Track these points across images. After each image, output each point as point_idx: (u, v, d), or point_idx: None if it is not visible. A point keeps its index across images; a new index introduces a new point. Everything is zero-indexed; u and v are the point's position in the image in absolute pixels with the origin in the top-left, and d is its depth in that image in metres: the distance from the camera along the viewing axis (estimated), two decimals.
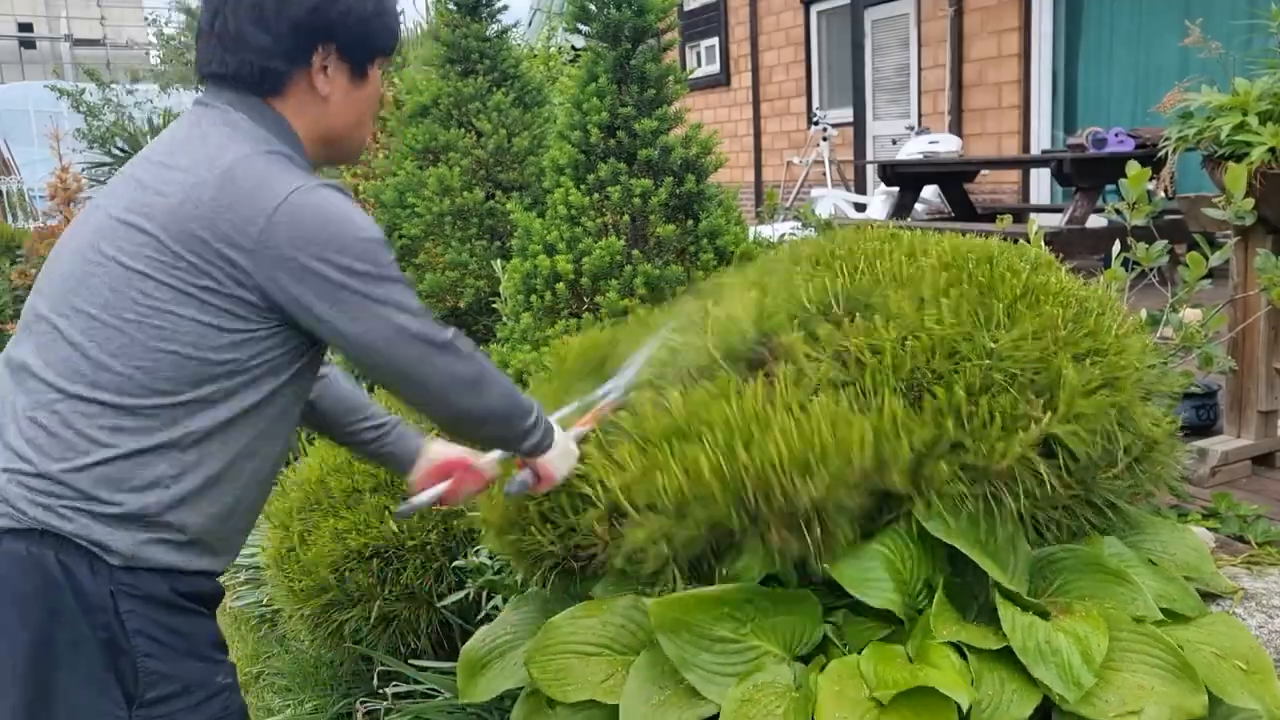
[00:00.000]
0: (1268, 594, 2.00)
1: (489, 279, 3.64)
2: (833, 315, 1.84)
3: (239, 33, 1.41)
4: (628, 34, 2.89)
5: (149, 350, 1.35)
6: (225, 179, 1.34)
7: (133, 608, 1.38)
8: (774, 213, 4.41)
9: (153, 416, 1.36)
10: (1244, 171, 2.47)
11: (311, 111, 1.47)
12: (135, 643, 1.38)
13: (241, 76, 1.43)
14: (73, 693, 1.37)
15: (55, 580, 1.35)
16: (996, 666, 1.55)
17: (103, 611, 1.36)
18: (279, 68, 1.43)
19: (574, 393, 1.92)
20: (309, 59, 1.44)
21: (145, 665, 1.38)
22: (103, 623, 1.36)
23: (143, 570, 1.39)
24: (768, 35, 10.86)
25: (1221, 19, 5.10)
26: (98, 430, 1.35)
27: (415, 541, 2.50)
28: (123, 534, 1.37)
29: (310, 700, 2.74)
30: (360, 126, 1.56)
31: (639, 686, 1.63)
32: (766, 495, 1.62)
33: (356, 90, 1.51)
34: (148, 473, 1.37)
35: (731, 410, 1.70)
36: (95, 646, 1.36)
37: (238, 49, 1.42)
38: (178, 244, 1.34)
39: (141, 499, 1.37)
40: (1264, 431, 2.85)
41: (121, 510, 1.36)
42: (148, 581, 1.39)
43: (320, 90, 1.46)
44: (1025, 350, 1.71)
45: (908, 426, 1.65)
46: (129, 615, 1.37)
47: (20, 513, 1.35)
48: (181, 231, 1.34)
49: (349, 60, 1.48)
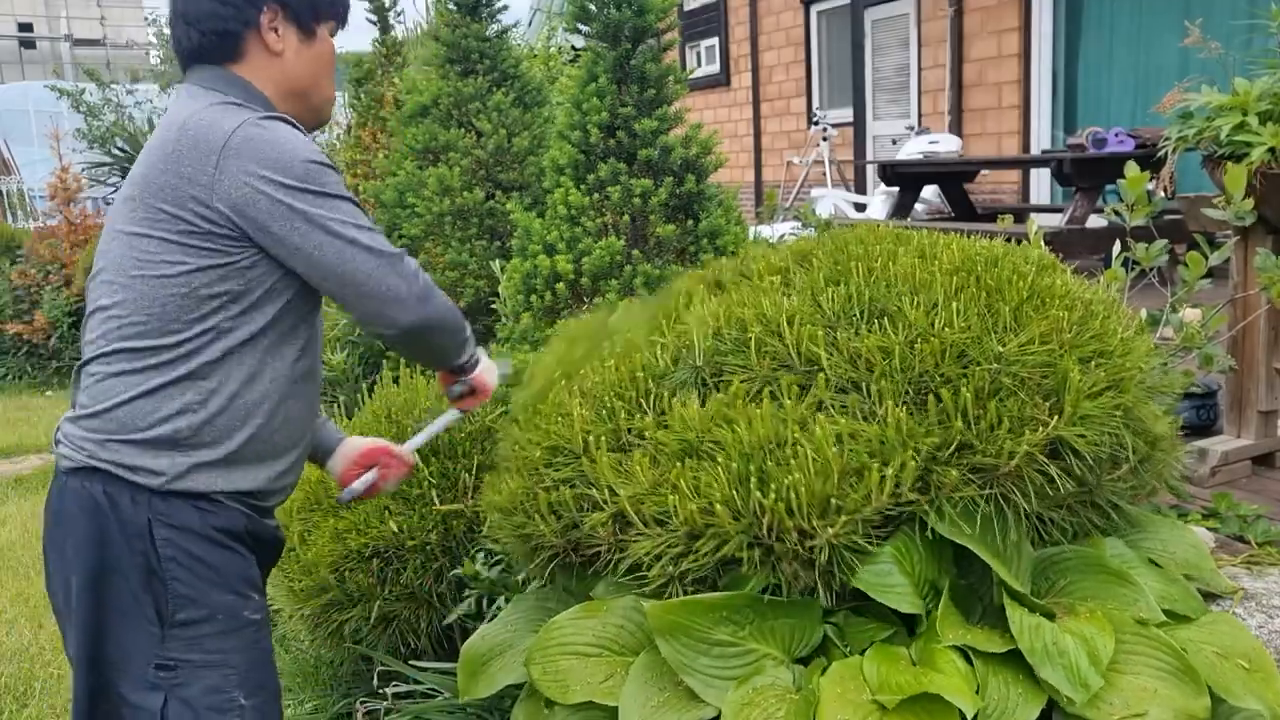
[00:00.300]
0: (1268, 594, 2.00)
1: (489, 279, 3.64)
2: (851, 321, 1.84)
3: (197, 6, 1.63)
4: (628, 34, 2.89)
5: (154, 298, 1.54)
6: (181, 132, 1.54)
7: (168, 536, 1.55)
8: (774, 213, 4.41)
9: (172, 353, 1.55)
10: (1244, 171, 2.47)
11: (272, 70, 1.67)
12: (167, 568, 1.55)
13: (206, 48, 1.64)
14: (119, 610, 1.55)
15: (103, 510, 1.55)
16: (1002, 670, 1.55)
17: (140, 538, 1.54)
18: (233, 29, 1.63)
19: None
20: (258, 19, 1.64)
21: (175, 589, 1.55)
22: (140, 549, 1.54)
23: (179, 498, 1.57)
24: (768, 35, 10.86)
25: (1221, 19, 5.10)
26: (130, 372, 1.56)
27: (415, 541, 2.50)
28: (163, 458, 1.56)
29: (310, 700, 2.74)
30: (319, 84, 1.74)
31: (638, 688, 1.63)
32: (781, 536, 1.61)
33: (308, 49, 1.70)
34: (176, 402, 1.56)
35: (743, 435, 1.69)
36: (135, 570, 1.54)
37: (198, 21, 1.63)
38: (155, 199, 1.53)
39: (174, 424, 1.56)
40: (1264, 431, 2.85)
41: (158, 435, 1.55)
42: (182, 512, 1.57)
43: (273, 47, 1.66)
44: (1032, 354, 1.71)
45: (914, 435, 1.65)
46: (164, 543, 1.55)
47: (78, 450, 1.57)
48: (155, 186, 1.53)
49: (295, 20, 1.68)
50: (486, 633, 1.98)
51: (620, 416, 1.86)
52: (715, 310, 1.96)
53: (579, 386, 2.00)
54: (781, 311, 1.86)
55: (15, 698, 3.06)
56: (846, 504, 1.60)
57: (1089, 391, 1.69)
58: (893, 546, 1.66)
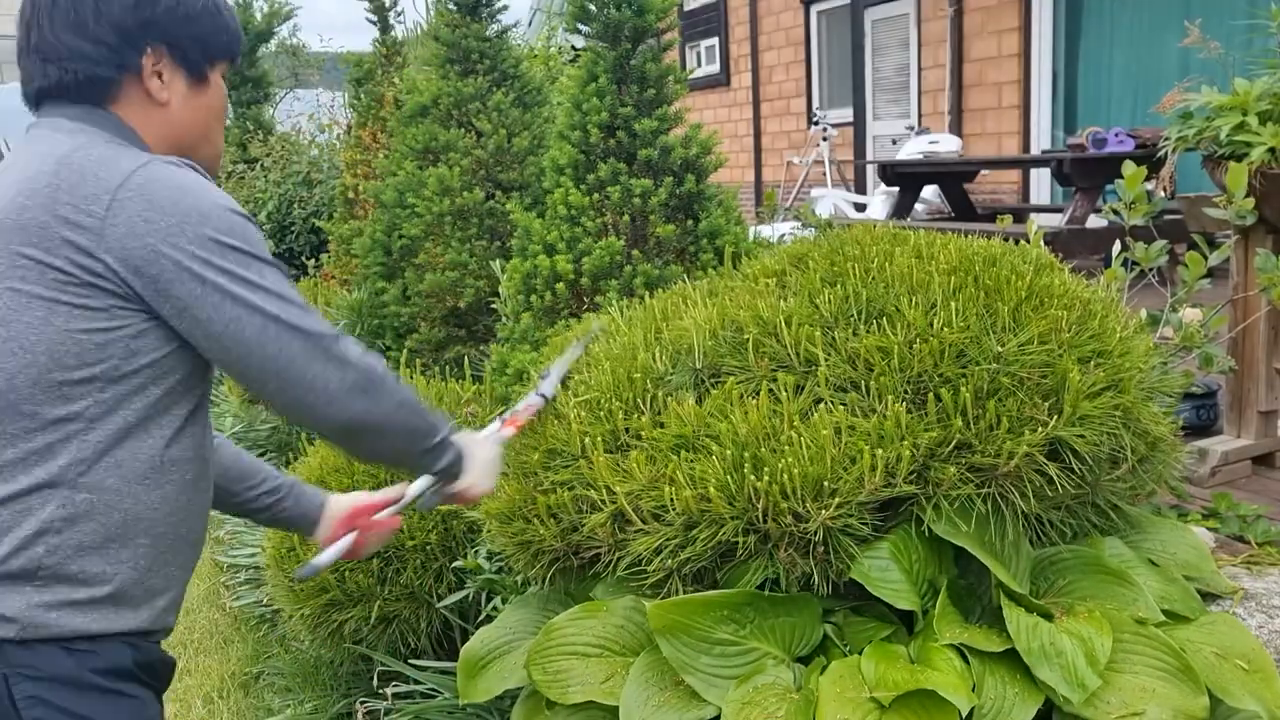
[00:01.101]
0: (1268, 594, 2.00)
1: (489, 279, 3.64)
2: (850, 322, 1.85)
3: (58, 43, 1.28)
4: (628, 34, 2.89)
5: (0, 371, 1.18)
6: (61, 164, 1.20)
7: (33, 693, 1.16)
8: (774, 213, 4.41)
9: (24, 450, 1.18)
10: (1244, 171, 2.47)
11: (154, 120, 1.33)
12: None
13: (66, 86, 1.28)
14: None
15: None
16: (999, 669, 1.55)
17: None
18: (106, 74, 1.29)
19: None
20: (138, 63, 1.30)
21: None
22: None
23: (45, 644, 1.18)
24: (768, 35, 10.86)
25: (1221, 19, 5.11)
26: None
27: (415, 541, 2.50)
28: (14, 597, 1.17)
29: (310, 700, 2.74)
30: (209, 137, 1.41)
31: (638, 688, 1.63)
32: (776, 518, 1.62)
33: (197, 96, 1.37)
34: (32, 521, 1.18)
35: (738, 425, 1.70)
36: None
37: (58, 59, 1.28)
38: (14, 242, 1.18)
39: (30, 552, 1.17)
40: (1264, 431, 2.85)
41: (9, 569, 1.17)
42: (51, 660, 1.18)
43: (158, 97, 1.32)
44: (1031, 354, 1.71)
45: (913, 430, 1.65)
46: (27, 704, 1.16)
47: None
48: (16, 226, 1.18)
49: (184, 64, 1.34)
50: (485, 636, 1.98)
51: (618, 417, 1.86)
52: (710, 314, 1.97)
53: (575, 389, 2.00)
54: (778, 313, 1.87)
55: None
56: (840, 487, 1.61)
57: (1088, 391, 1.69)
58: (890, 543, 1.66)
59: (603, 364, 2.00)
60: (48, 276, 1.17)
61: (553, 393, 1.97)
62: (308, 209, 6.53)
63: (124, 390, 1.22)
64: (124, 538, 1.24)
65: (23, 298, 1.17)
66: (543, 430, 1.95)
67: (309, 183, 6.66)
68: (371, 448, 1.41)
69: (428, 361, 3.80)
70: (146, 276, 1.18)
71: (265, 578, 2.92)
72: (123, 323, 1.20)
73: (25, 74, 1.32)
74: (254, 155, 7.02)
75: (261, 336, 1.23)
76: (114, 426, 1.22)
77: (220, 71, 1.41)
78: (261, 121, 7.71)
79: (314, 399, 1.27)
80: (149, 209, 1.18)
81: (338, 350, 1.28)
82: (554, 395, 1.97)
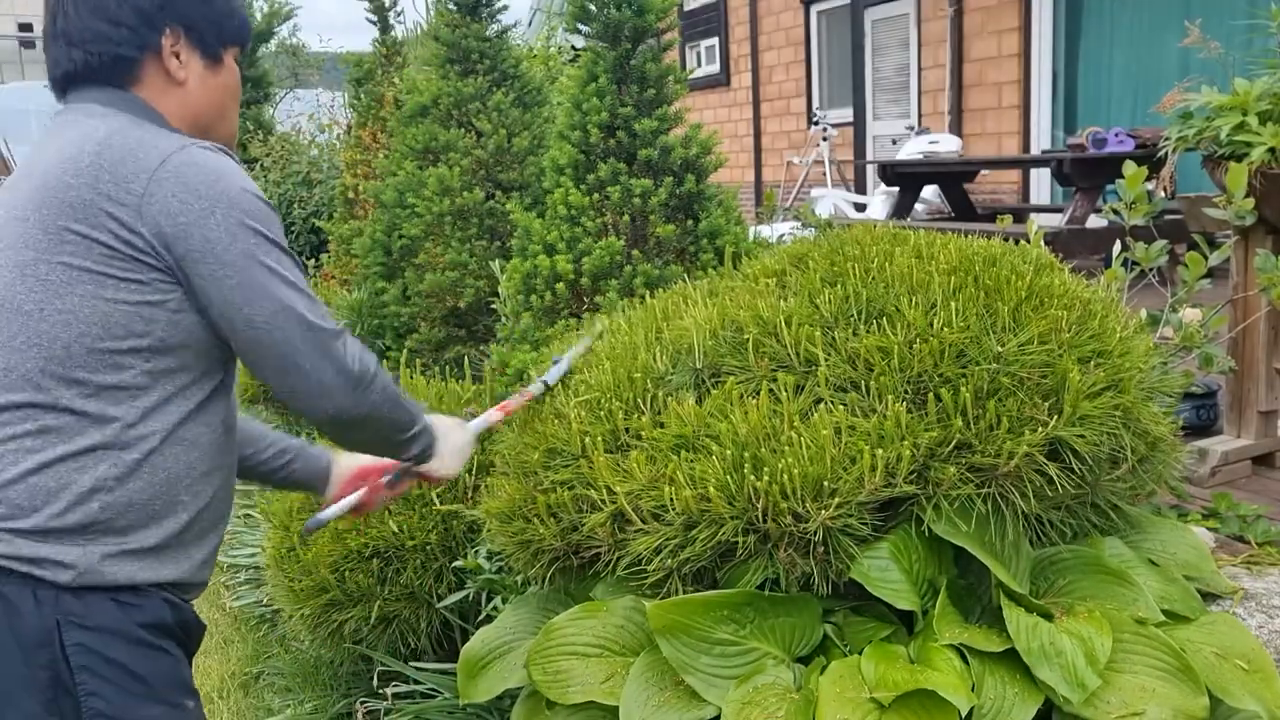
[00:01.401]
0: (1268, 594, 2.00)
1: (489, 279, 3.64)
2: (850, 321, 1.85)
3: (83, 27, 1.36)
4: (628, 34, 2.89)
5: (56, 341, 1.26)
6: (102, 146, 1.28)
7: (81, 640, 1.26)
8: (774, 213, 4.41)
9: (79, 413, 1.27)
10: (1244, 171, 2.47)
11: (173, 99, 1.42)
12: (81, 681, 1.25)
13: (93, 68, 1.37)
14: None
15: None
16: (998, 669, 1.55)
17: (45, 648, 1.24)
18: (129, 54, 1.38)
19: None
20: (159, 43, 1.39)
21: (91, 706, 1.26)
22: (45, 661, 1.24)
23: (96, 594, 1.27)
24: (768, 35, 10.86)
25: (1221, 19, 5.10)
26: (20, 437, 1.26)
27: (415, 541, 2.50)
28: (73, 547, 1.26)
29: (310, 700, 2.73)
30: (225, 117, 1.50)
31: (639, 688, 1.63)
32: (776, 518, 1.62)
33: (214, 76, 1.46)
34: (87, 478, 1.27)
35: (738, 425, 1.70)
36: (35, 691, 1.24)
37: (83, 42, 1.37)
38: (61, 218, 1.26)
39: (86, 507, 1.27)
40: (1264, 431, 2.85)
41: (64, 522, 1.26)
42: (100, 610, 1.28)
43: (176, 76, 1.41)
44: (1031, 354, 1.71)
45: (913, 430, 1.65)
46: (76, 650, 1.25)
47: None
48: (62, 204, 1.26)
49: (199, 45, 1.43)
50: (486, 636, 1.98)
51: (618, 417, 1.86)
52: (710, 314, 1.97)
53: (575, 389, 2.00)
54: (779, 313, 1.87)
55: None
56: (840, 487, 1.61)
57: (1088, 392, 1.69)
58: (890, 543, 1.66)
59: (603, 363, 2.00)
60: (95, 251, 1.26)
61: (555, 380, 2.00)
62: (308, 209, 6.53)
63: (167, 360, 1.32)
64: (168, 495, 1.34)
65: (73, 271, 1.26)
66: (543, 430, 1.95)
67: (309, 183, 6.66)
68: (356, 438, 1.52)
69: (428, 361, 3.80)
70: (177, 252, 1.27)
71: (265, 578, 2.92)
72: (164, 295, 1.29)
73: (51, 60, 1.41)
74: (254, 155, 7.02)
75: (271, 322, 1.31)
76: (158, 393, 1.32)
77: (233, 54, 1.50)
78: (261, 121, 7.71)
79: (309, 389, 1.35)
80: (183, 190, 1.27)
81: (338, 346, 1.36)
82: (555, 383, 2.00)
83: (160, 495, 1.33)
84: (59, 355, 1.26)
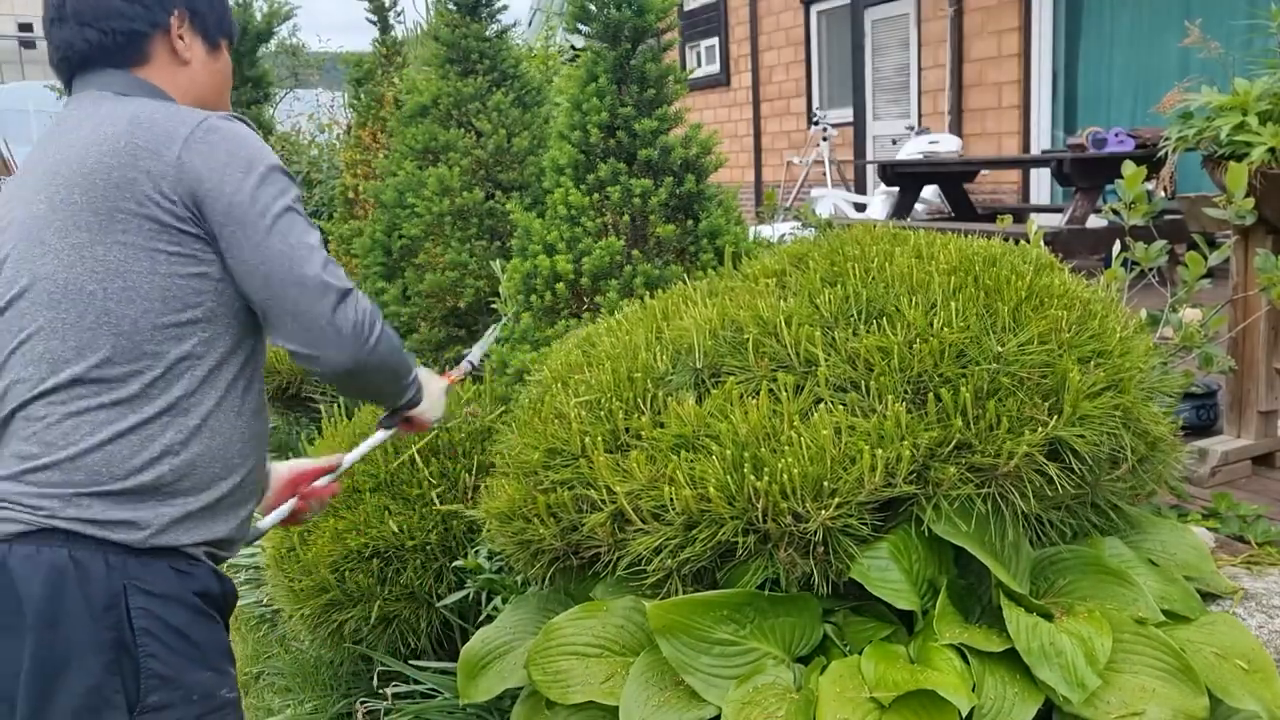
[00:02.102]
0: (1268, 594, 2.00)
1: (489, 279, 3.64)
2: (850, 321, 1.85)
3: (96, 4, 1.45)
4: (628, 34, 2.89)
5: (123, 317, 1.36)
6: (133, 125, 1.37)
7: (144, 605, 1.36)
8: (774, 213, 4.41)
9: (146, 385, 1.37)
10: (1244, 171, 2.47)
11: (179, 79, 1.52)
12: (142, 643, 1.35)
13: (106, 48, 1.46)
14: (74, 697, 1.33)
15: (66, 580, 1.33)
16: (998, 669, 1.55)
17: (111, 610, 1.34)
18: (141, 29, 1.47)
19: None
20: (168, 21, 1.50)
21: (149, 667, 1.36)
22: (110, 623, 1.34)
23: (159, 561, 1.38)
24: (768, 35, 10.86)
25: (1221, 19, 5.11)
26: (96, 409, 1.36)
27: (415, 541, 2.50)
28: (145, 509, 1.37)
29: (310, 700, 2.74)
30: (222, 101, 1.61)
31: (639, 688, 1.63)
32: (776, 518, 1.62)
33: (213, 61, 1.58)
34: (157, 444, 1.38)
35: (738, 425, 1.70)
36: (101, 651, 1.33)
37: (96, 20, 1.45)
38: (109, 199, 1.34)
39: (157, 470, 1.38)
40: (1264, 431, 2.85)
41: (139, 483, 1.37)
42: (161, 576, 1.38)
43: (182, 55, 1.52)
44: (1031, 354, 1.71)
45: (913, 430, 1.65)
46: (139, 614, 1.35)
47: (31, 510, 1.34)
48: (108, 185, 1.35)
49: (201, 30, 1.55)
50: (486, 636, 1.98)
51: (618, 417, 1.86)
52: (710, 314, 1.97)
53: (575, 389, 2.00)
54: (779, 313, 1.87)
55: None
56: (840, 487, 1.61)
57: (1088, 392, 1.69)
58: (890, 543, 1.66)
59: (604, 363, 2.00)
60: (145, 228, 1.35)
61: (478, 361, 2.11)
62: (308, 209, 6.53)
63: (216, 328, 1.42)
64: (224, 457, 1.45)
65: (130, 250, 1.35)
66: (543, 430, 1.95)
67: (309, 183, 6.66)
68: (363, 387, 1.60)
69: (428, 361, 3.80)
70: (209, 215, 1.36)
71: (265, 578, 2.92)
72: (208, 266, 1.39)
73: (61, 43, 1.47)
74: None
75: (287, 278, 1.38)
76: (212, 361, 1.42)
77: (225, 46, 1.61)
78: (261, 121, 7.70)
79: (325, 343, 1.42)
80: (210, 154, 1.36)
81: (350, 302, 1.43)
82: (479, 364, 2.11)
83: (218, 457, 1.44)
84: (127, 331, 1.36)
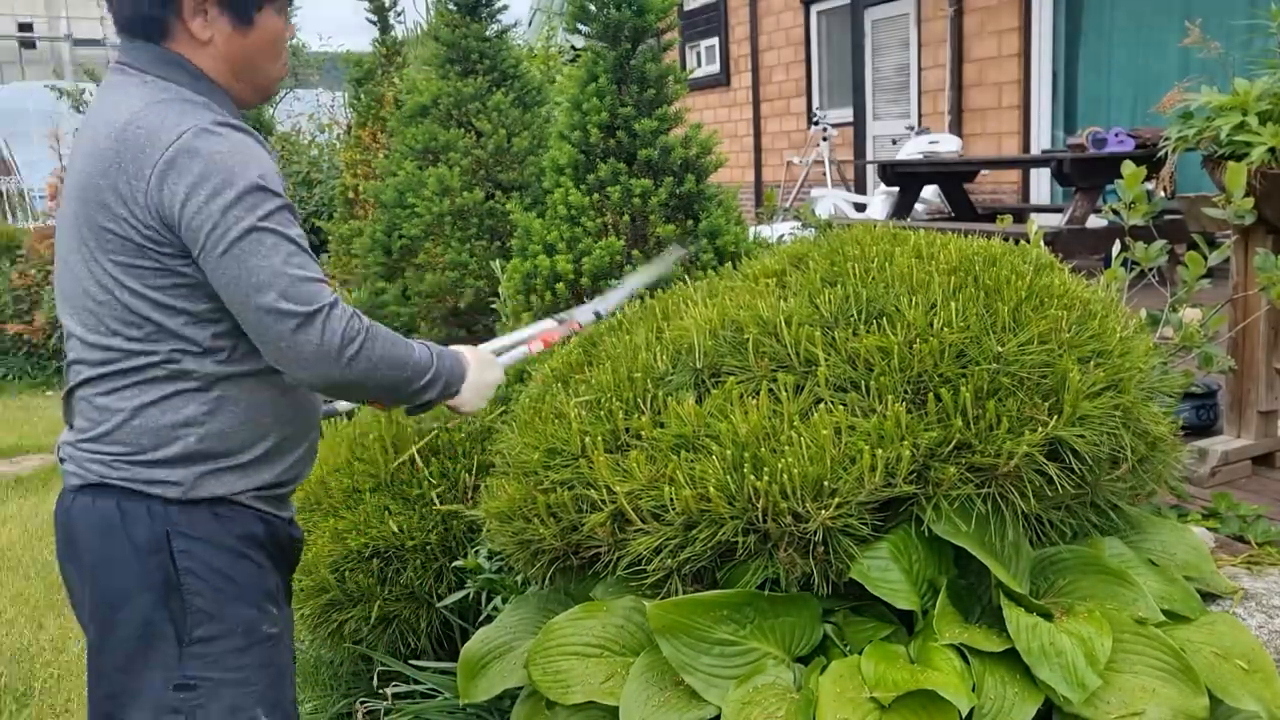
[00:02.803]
0: (1268, 594, 2.00)
1: (489, 279, 3.64)
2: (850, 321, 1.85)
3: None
4: (628, 34, 2.89)
5: (127, 323, 1.45)
6: (123, 135, 1.40)
7: (186, 547, 1.49)
8: (774, 213, 4.41)
9: (159, 370, 1.47)
10: (1244, 171, 2.47)
11: (202, 56, 1.50)
12: (186, 582, 1.49)
13: (135, 21, 1.49)
14: (134, 638, 1.49)
15: (115, 528, 1.48)
16: (998, 669, 1.55)
17: (158, 553, 1.48)
18: (155, 14, 1.47)
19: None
20: (178, 6, 1.47)
21: (193, 604, 1.49)
22: (158, 564, 1.48)
23: (199, 506, 1.50)
24: (768, 35, 10.86)
25: (1221, 19, 5.10)
26: (120, 394, 1.48)
27: (415, 541, 2.50)
28: (179, 470, 1.49)
29: (310, 700, 2.74)
30: (262, 67, 1.56)
31: (639, 688, 1.63)
32: (776, 518, 1.62)
33: (242, 37, 1.51)
34: (180, 415, 1.49)
35: (738, 425, 1.70)
36: (151, 589, 1.48)
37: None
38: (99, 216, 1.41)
39: (183, 440, 1.49)
40: (1264, 431, 2.85)
41: (170, 452, 1.49)
42: (202, 522, 1.51)
43: (198, 35, 1.48)
44: (1031, 354, 1.71)
45: (913, 430, 1.65)
46: (181, 555, 1.48)
47: (86, 470, 1.51)
48: (97, 204, 1.41)
49: (229, 7, 1.49)
50: (486, 635, 1.98)
51: (618, 417, 1.86)
52: (710, 314, 1.97)
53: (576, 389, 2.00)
54: (778, 313, 1.87)
55: (15, 698, 3.06)
56: (840, 487, 1.61)
57: (1088, 391, 1.69)
58: (890, 543, 1.66)
59: (603, 363, 2.00)
60: (128, 248, 1.41)
61: (607, 311, 1.99)
62: (308, 209, 6.54)
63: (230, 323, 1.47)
64: (254, 422, 1.54)
65: (121, 267, 1.43)
66: (543, 429, 1.95)
67: (309, 183, 6.67)
68: (356, 398, 1.67)
69: None
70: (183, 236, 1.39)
71: None
72: (193, 276, 1.43)
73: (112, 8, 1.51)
74: None
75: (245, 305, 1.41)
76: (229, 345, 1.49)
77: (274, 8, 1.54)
78: (261, 121, 7.71)
79: (290, 363, 1.44)
80: (179, 178, 1.37)
81: (315, 325, 1.42)
82: (608, 314, 1.98)
83: (246, 425, 1.53)
84: (149, 329, 1.45)
